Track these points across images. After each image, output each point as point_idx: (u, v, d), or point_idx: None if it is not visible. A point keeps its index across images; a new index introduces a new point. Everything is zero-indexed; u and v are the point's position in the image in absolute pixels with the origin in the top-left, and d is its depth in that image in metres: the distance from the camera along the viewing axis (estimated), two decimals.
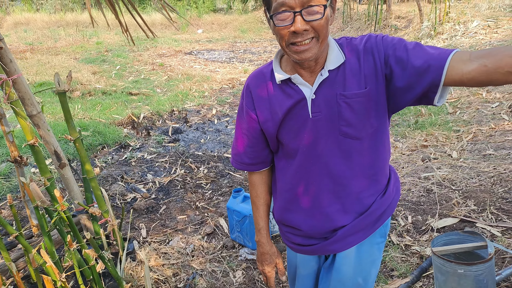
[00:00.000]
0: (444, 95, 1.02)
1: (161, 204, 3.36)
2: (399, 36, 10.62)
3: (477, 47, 6.86)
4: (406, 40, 1.07)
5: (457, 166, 3.30)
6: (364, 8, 15.10)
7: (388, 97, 1.10)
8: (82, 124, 4.86)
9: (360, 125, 1.11)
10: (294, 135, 1.17)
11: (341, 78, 1.09)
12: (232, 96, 6.69)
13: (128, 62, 9.80)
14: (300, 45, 1.01)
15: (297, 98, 1.12)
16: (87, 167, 2.40)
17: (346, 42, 1.13)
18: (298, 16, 0.97)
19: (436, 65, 0.95)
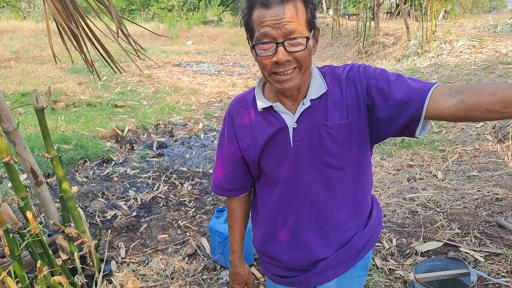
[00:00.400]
0: (426, 127, 1.01)
1: (142, 222, 3.27)
2: (387, 53, 10.81)
3: (462, 67, 7.01)
4: (388, 71, 1.07)
5: (442, 187, 3.31)
6: (353, 24, 15.38)
7: (371, 128, 1.10)
8: (64, 137, 4.75)
9: (342, 155, 1.10)
10: (275, 164, 1.15)
11: (323, 108, 1.08)
12: (220, 110, 6.66)
13: (115, 73, 9.71)
14: (282, 75, 1.00)
15: (278, 126, 1.11)
16: (64, 186, 2.32)
17: (329, 71, 1.13)
18: (281, 47, 0.96)
19: (417, 98, 0.95)
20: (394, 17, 19.15)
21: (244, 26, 1.06)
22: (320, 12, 22.67)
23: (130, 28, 9.87)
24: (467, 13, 23.70)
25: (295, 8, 0.96)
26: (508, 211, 2.70)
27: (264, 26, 0.96)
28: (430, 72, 7.19)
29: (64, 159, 4.25)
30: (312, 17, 1.01)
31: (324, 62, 12.73)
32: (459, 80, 6.14)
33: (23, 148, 2.28)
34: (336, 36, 15.41)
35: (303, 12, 0.98)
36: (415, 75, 7.21)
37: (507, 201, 2.84)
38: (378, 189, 3.46)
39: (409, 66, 8.43)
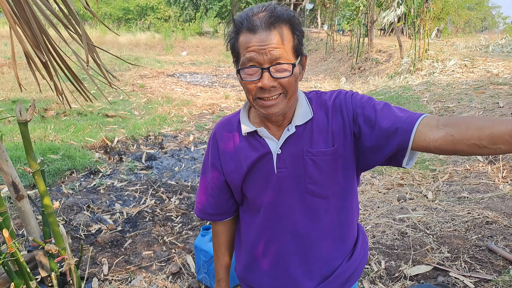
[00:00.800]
0: (413, 158, 1.00)
1: (127, 237, 3.18)
2: (379, 69, 10.92)
3: (454, 86, 7.08)
4: (375, 99, 1.05)
5: (432, 208, 3.29)
6: (347, 39, 15.56)
7: (357, 156, 1.08)
8: (52, 146, 4.67)
9: (327, 183, 1.08)
10: (258, 190, 1.13)
11: (308, 134, 1.06)
12: (211, 122, 6.62)
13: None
14: (267, 100, 0.99)
15: (262, 152, 1.09)
16: (46, 201, 2.25)
17: (315, 96, 1.12)
18: (266, 73, 0.95)
19: (404, 129, 0.93)
20: (387, 34, 19.44)
21: (230, 50, 1.04)
22: (315, 27, 22.95)
23: (125, 37, 9.98)
24: (459, 32, 24.15)
25: (282, 34, 0.95)
26: (498, 235, 2.67)
27: (250, 51, 0.95)
28: (422, 90, 7.25)
29: (51, 170, 4.17)
30: (299, 44, 1.01)
31: (317, 76, 12.82)
32: (451, 99, 6.20)
33: (5, 161, 2.21)
34: (330, 51, 15.56)
35: (289, 39, 0.97)
36: (407, 92, 7.26)
37: (498, 224, 2.82)
38: (368, 208, 3.43)
39: (401, 84, 8.50)
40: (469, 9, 28.24)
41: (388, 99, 6.97)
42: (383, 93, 7.63)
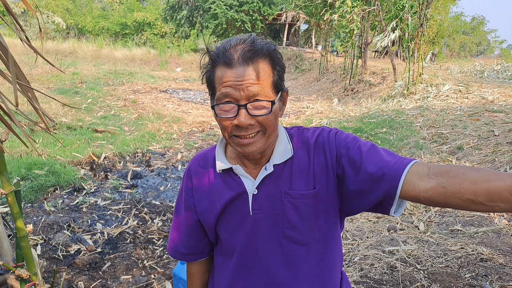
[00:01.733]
0: (402, 206, 0.92)
1: (106, 259, 3.11)
2: (373, 92, 11.01)
3: (448, 111, 7.09)
4: (360, 139, 0.99)
5: (423, 240, 3.22)
6: (340, 61, 15.75)
7: (341, 199, 1.01)
8: (38, 161, 4.60)
9: (306, 229, 1.00)
10: (232, 232, 1.05)
11: (287, 174, 1.00)
12: (201, 141, 6.60)
13: (100, 96, 9.64)
14: (244, 138, 0.93)
15: (237, 191, 1.02)
16: (19, 224, 2.18)
17: (297, 133, 1.06)
18: (243, 110, 0.90)
19: (391, 176, 0.87)
20: (382, 56, 19.73)
21: (206, 83, 0.99)
22: (309, 47, 23.28)
23: (120, 52, 10.02)
24: (454, 56, 24.44)
25: (260, 70, 0.90)
26: (493, 274, 2.59)
27: (226, 86, 0.90)
28: (415, 115, 7.27)
29: (35, 186, 4.09)
30: (279, 79, 0.96)
31: (310, 96, 12.91)
32: (444, 125, 6.21)
33: None
34: (323, 72, 15.72)
35: (269, 74, 0.92)
36: (400, 116, 7.29)
37: (493, 262, 2.74)
38: (357, 238, 3.38)
39: (394, 107, 8.52)
40: (465, 33, 28.64)
41: (380, 123, 6.99)
42: (376, 116, 7.65)
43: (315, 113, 9.35)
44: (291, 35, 26.24)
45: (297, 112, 9.86)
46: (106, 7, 34.72)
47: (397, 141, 5.89)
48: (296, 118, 8.83)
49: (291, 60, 20.07)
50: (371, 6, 10.85)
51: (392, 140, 5.96)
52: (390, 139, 6.02)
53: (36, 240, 3.23)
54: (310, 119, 8.42)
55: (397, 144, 5.79)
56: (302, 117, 8.83)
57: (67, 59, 16.86)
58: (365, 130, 6.66)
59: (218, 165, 1.05)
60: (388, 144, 5.82)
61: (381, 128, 6.64)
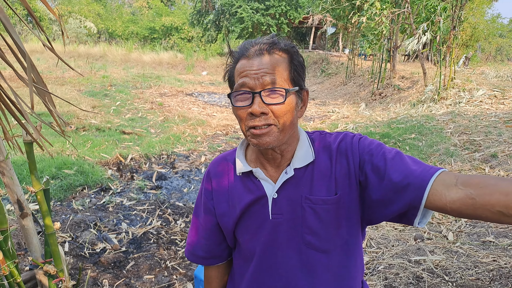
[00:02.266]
0: (427, 216, 0.88)
1: (130, 259, 3.16)
2: (401, 96, 10.74)
3: (481, 117, 6.80)
4: (385, 146, 0.95)
5: (452, 251, 3.09)
6: (368, 64, 15.48)
7: (363, 207, 0.98)
8: (67, 161, 4.75)
9: (327, 236, 0.97)
10: (251, 236, 1.04)
11: (308, 179, 0.98)
12: (224, 144, 6.63)
13: (128, 98, 9.88)
14: (258, 129, 0.92)
15: (257, 195, 1.00)
16: (47, 222, 2.25)
17: (319, 137, 1.04)
18: (257, 97, 0.90)
19: (416, 185, 0.83)
20: (412, 60, 19.23)
21: (228, 80, 1.00)
22: (336, 51, 23.03)
23: (148, 56, 10.25)
24: (490, 60, 23.46)
25: (277, 61, 0.91)
26: None
27: (243, 76, 0.91)
28: (446, 121, 7.02)
29: (64, 185, 4.22)
30: (297, 75, 0.94)
31: (336, 101, 12.75)
32: (477, 132, 5.96)
33: (11, 179, 2.25)
34: (350, 76, 15.49)
35: (285, 67, 0.92)
36: (430, 122, 7.07)
37: None
38: (382, 246, 3.29)
39: (424, 112, 8.27)
40: (501, 36, 27.51)
41: (409, 128, 6.79)
42: (404, 122, 7.45)
43: (340, 117, 9.22)
44: (317, 39, 26.08)
45: (322, 116, 9.75)
46: (135, 12, 35.70)
47: (426, 148, 5.70)
48: (321, 122, 8.73)
49: (317, 64, 19.91)
50: (401, 9, 10.61)
51: (421, 147, 5.77)
52: (419, 146, 5.84)
53: (64, 237, 3.32)
54: (335, 123, 8.31)
55: (426, 150, 5.60)
56: (327, 122, 8.72)
57: (97, 63, 17.41)
58: (393, 136, 6.49)
59: (238, 168, 1.04)
60: (417, 151, 5.64)
61: (409, 134, 6.45)
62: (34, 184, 2.15)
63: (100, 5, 31.88)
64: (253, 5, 22.50)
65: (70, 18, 26.50)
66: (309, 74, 19.27)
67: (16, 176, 2.04)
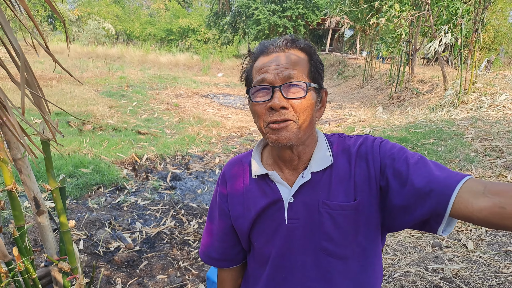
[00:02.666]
0: (452, 224, 0.83)
1: (144, 258, 3.16)
2: (420, 100, 10.55)
3: (504, 123, 6.61)
4: (408, 150, 0.91)
5: (472, 260, 2.99)
6: (386, 67, 15.27)
7: (383, 213, 0.94)
8: (84, 160, 4.81)
9: (345, 243, 0.94)
10: (266, 240, 1.01)
11: (326, 183, 0.94)
12: (239, 146, 6.62)
13: (145, 99, 9.98)
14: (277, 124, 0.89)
15: (273, 198, 0.98)
16: (62, 220, 2.26)
17: (338, 140, 1.00)
18: (277, 92, 0.88)
19: (441, 192, 0.78)
20: (431, 64, 18.87)
21: (244, 80, 0.99)
22: (353, 53, 22.82)
23: (165, 57, 10.37)
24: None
25: (296, 57, 0.91)
26: None
27: (262, 72, 0.90)
28: (466, 126, 6.84)
29: (80, 183, 4.28)
30: (316, 73, 0.93)
31: (352, 104, 12.61)
32: (500, 138, 5.78)
33: (28, 176, 2.27)
34: (367, 79, 15.31)
35: (305, 64, 0.92)
36: (450, 127, 6.90)
37: None
38: (398, 253, 3.20)
39: (443, 117, 8.09)
40: None
41: (428, 133, 6.64)
42: (423, 126, 7.30)
43: (357, 121, 9.10)
44: (334, 41, 25.90)
45: (338, 119, 9.65)
46: (153, 14, 36.18)
47: (446, 153, 5.55)
48: (337, 125, 8.64)
49: (333, 66, 19.76)
50: (421, 11, 10.42)
51: (440, 152, 5.63)
52: (437, 151, 5.70)
53: (79, 235, 3.36)
54: (352, 127, 8.20)
55: (446, 156, 5.46)
56: (344, 125, 8.63)
57: (115, 63, 17.68)
58: (411, 140, 6.36)
59: (254, 170, 1.01)
60: (436, 156, 5.51)
61: (428, 139, 6.30)
62: (50, 182, 2.17)
63: (119, 6, 32.45)
64: (270, 7, 22.50)
65: (89, 20, 27.04)
66: (326, 76, 19.13)
67: (33, 173, 2.06)
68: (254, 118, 0.94)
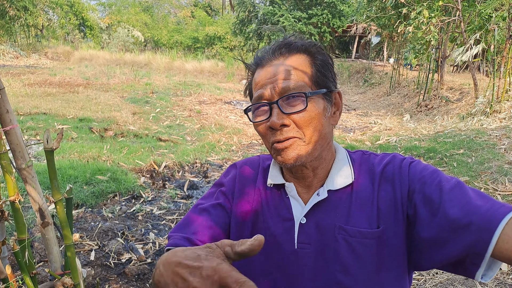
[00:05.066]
0: (494, 268, 0.67)
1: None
2: (449, 109, 10.13)
3: None
4: (442, 173, 0.76)
5: (506, 283, 2.73)
6: (414, 75, 14.82)
7: (410, 247, 0.78)
8: (102, 167, 4.80)
9: (364, 277, 0.78)
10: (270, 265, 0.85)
11: (345, 206, 0.81)
12: (259, 154, 6.48)
13: (168, 106, 10.04)
14: (280, 143, 0.79)
15: (283, 216, 0.85)
16: (65, 233, 2.18)
17: (361, 157, 0.87)
18: (275, 108, 0.78)
19: (481, 226, 0.64)
20: (461, 71, 18.22)
21: (249, 96, 0.89)
22: (380, 60, 22.35)
23: (191, 64, 10.42)
24: None
25: (294, 64, 0.80)
26: None
27: (259, 88, 0.81)
28: (499, 136, 6.46)
29: (96, 191, 4.25)
30: (322, 75, 0.81)
31: (378, 112, 12.26)
32: None
33: (33, 186, 2.21)
34: (394, 86, 14.90)
35: (305, 69, 0.80)
36: (481, 137, 6.53)
37: None
38: (424, 273, 2.97)
39: (474, 126, 7.70)
40: None
41: (457, 143, 6.30)
42: (452, 136, 6.95)
43: (383, 129, 8.79)
44: (361, 48, 25.48)
45: (363, 127, 9.37)
46: (180, 22, 36.86)
47: (477, 165, 5.22)
48: (362, 134, 8.36)
49: (359, 73, 19.39)
50: (452, 17, 10.03)
51: (471, 164, 5.30)
52: (468, 162, 5.37)
53: (91, 245, 3.30)
54: (377, 135, 7.91)
55: (476, 168, 5.13)
56: (369, 133, 8.34)
57: (142, 70, 18.02)
58: (439, 151, 6.04)
59: (270, 178, 0.90)
60: (466, 168, 5.18)
61: (457, 149, 5.97)
62: (54, 193, 2.08)
63: (147, 14, 33.26)
64: (295, 14, 22.41)
65: (119, 27, 27.82)
66: (351, 84, 18.79)
67: (40, 183, 1.99)
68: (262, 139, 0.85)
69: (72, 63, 20.23)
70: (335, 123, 0.85)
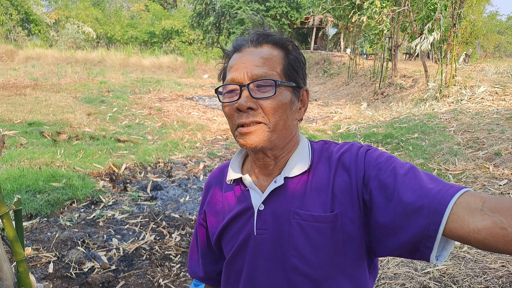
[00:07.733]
0: (447, 248, 0.68)
1: (120, 278, 2.93)
2: (403, 95, 10.52)
3: (483, 115, 6.61)
4: (397, 159, 0.77)
5: (459, 257, 2.88)
6: (370, 64, 15.28)
7: (368, 233, 0.79)
8: (56, 173, 4.53)
9: (318, 262, 0.80)
10: (235, 253, 0.90)
11: (301, 191, 0.82)
12: (224, 149, 6.41)
13: (126, 104, 9.68)
14: (245, 127, 0.81)
15: (244, 206, 0.88)
16: (15, 248, 2.02)
17: (322, 146, 0.89)
18: (245, 91, 0.80)
19: (432, 209, 0.65)
20: (413, 59, 19.00)
21: (222, 80, 0.92)
22: (338, 51, 22.81)
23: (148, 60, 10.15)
24: (489, 57, 23.46)
25: (268, 54, 0.84)
26: None
27: (233, 71, 0.84)
28: (449, 119, 6.84)
29: (51, 199, 3.99)
30: (293, 70, 0.84)
31: (338, 101, 12.53)
32: (480, 130, 5.75)
33: None
34: (352, 76, 15.28)
35: (279, 60, 0.84)
36: (433, 121, 6.85)
37: None
38: None
39: (426, 111, 8.10)
40: (499, 33, 27.50)
41: (412, 128, 6.57)
42: (407, 121, 7.25)
43: (343, 118, 9.00)
44: (319, 39, 25.88)
45: (324, 117, 9.53)
46: (134, 16, 35.61)
47: (430, 147, 5.50)
48: (324, 123, 8.50)
49: (319, 65, 19.71)
50: (401, 7, 10.39)
51: (425, 146, 5.57)
52: (422, 145, 5.64)
53: (49, 257, 3.10)
54: (338, 124, 8.08)
55: (430, 150, 5.39)
56: (330, 123, 8.51)
57: (95, 68, 17.26)
58: (396, 136, 6.29)
59: (229, 175, 0.93)
60: (420, 151, 5.43)
61: (412, 134, 6.25)
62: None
63: (98, 9, 31.79)
64: (253, 6, 22.33)
65: (67, 23, 26.39)
66: (311, 75, 19.06)
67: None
68: (227, 120, 0.87)
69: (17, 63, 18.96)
70: (299, 118, 0.88)
